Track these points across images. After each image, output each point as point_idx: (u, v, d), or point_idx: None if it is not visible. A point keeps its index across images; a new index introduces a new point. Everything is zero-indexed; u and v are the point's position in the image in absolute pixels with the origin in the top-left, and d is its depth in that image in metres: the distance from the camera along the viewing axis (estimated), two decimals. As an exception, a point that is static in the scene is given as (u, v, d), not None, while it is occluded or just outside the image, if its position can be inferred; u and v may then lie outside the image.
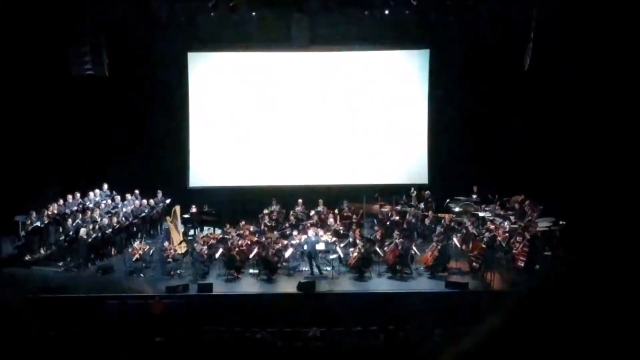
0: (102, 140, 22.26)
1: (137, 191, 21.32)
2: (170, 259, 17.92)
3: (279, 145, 23.36)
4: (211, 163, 23.34)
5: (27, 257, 18.79)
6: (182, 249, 18.55)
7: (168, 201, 21.33)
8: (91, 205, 20.28)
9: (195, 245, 18.26)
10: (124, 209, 20.38)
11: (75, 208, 19.96)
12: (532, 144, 22.23)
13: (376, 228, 20.13)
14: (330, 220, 19.80)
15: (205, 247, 17.97)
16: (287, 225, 20.23)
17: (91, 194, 20.94)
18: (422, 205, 21.19)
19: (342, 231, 19.42)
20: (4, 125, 20.61)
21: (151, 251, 18.33)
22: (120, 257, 18.88)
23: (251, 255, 17.95)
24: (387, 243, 18.30)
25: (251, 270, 18.03)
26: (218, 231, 20.05)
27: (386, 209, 21.19)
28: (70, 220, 19.01)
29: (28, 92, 21.07)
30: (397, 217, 20.40)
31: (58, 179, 21.76)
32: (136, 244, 18.64)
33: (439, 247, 17.88)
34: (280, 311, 15.67)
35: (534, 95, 22.11)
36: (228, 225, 19.45)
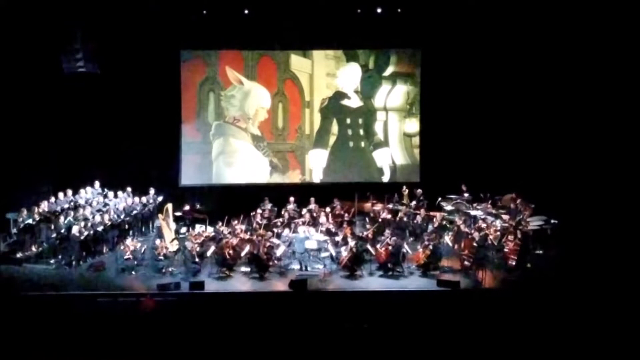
0: (94, 137, 22.22)
1: (129, 189, 21.29)
2: (162, 257, 17.88)
3: (270, 143, 23.51)
4: (203, 161, 23.36)
5: (19, 255, 18.73)
6: (174, 247, 18.49)
7: (160, 199, 21.31)
8: (83, 203, 20.22)
9: (187, 243, 18.24)
10: (116, 207, 20.33)
11: (66, 205, 19.90)
12: (525, 143, 22.34)
13: (368, 226, 20.14)
14: (322, 219, 19.79)
15: (197, 245, 17.94)
16: (279, 223, 20.23)
17: (83, 191, 20.88)
18: (413, 204, 21.21)
19: (333, 229, 19.42)
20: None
21: (143, 249, 18.30)
22: (112, 255, 18.85)
23: (243, 254, 17.94)
24: (378, 241, 18.31)
25: (243, 269, 18.02)
26: (210, 229, 20.02)
27: (378, 207, 21.21)
28: (61, 218, 18.97)
29: (20, 90, 21.04)
30: (389, 216, 20.42)
31: (50, 176, 21.71)
32: (128, 242, 18.57)
33: (430, 245, 17.89)
34: (271, 309, 15.67)
35: (525, 95, 22.21)
36: (220, 224, 19.43)
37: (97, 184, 21.32)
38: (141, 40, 21.82)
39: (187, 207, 21.10)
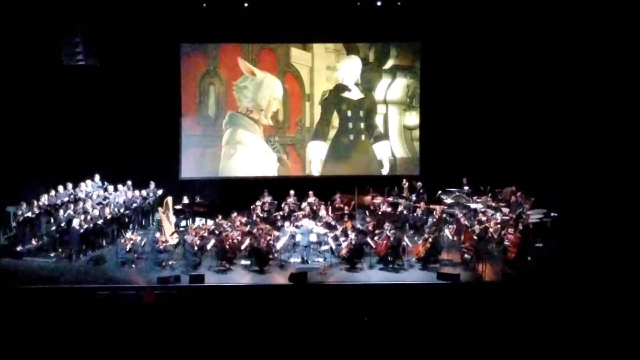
0: (94, 130, 22.20)
1: (129, 182, 21.29)
2: (162, 250, 17.90)
3: (270, 136, 23.52)
4: (203, 154, 23.34)
5: (19, 248, 18.74)
6: (174, 240, 18.52)
7: (160, 192, 21.29)
8: (83, 196, 20.23)
9: (186, 236, 18.24)
10: (116, 200, 20.35)
11: (66, 199, 19.90)
12: (524, 135, 22.32)
13: (368, 219, 20.14)
14: (322, 212, 19.79)
15: (197, 239, 17.94)
16: (279, 216, 20.23)
17: (83, 184, 20.88)
18: (413, 197, 21.21)
19: (333, 223, 19.41)
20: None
21: (143, 242, 18.31)
22: (112, 248, 18.89)
23: (243, 247, 17.95)
24: (378, 234, 18.31)
25: (243, 262, 18.04)
26: (210, 222, 20.03)
27: (378, 200, 21.21)
28: (61, 211, 18.97)
29: (20, 84, 21.01)
30: (389, 209, 20.41)
31: (50, 169, 21.70)
32: (128, 235, 18.60)
33: (430, 238, 17.90)
34: (271, 302, 15.68)
35: (525, 88, 22.18)
36: (220, 217, 19.44)
37: (97, 177, 21.31)
38: (141, 34, 21.77)
39: (186, 200, 21.09)
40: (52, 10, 20.28)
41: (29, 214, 18.92)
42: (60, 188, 20.31)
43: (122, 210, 20.01)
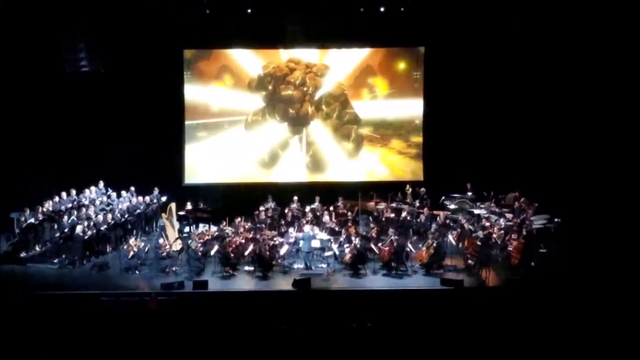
0: (97, 137, 22.24)
1: (132, 188, 21.31)
2: (165, 256, 17.89)
3: (274, 142, 23.50)
4: (206, 159, 23.36)
5: (22, 254, 18.76)
6: (178, 246, 18.53)
7: (164, 198, 21.30)
8: (86, 202, 20.24)
9: (190, 242, 18.24)
10: (120, 206, 20.36)
11: (70, 205, 19.92)
12: (528, 141, 22.29)
13: (371, 225, 20.11)
14: (326, 218, 19.80)
15: (201, 244, 17.95)
16: (282, 222, 20.23)
17: (87, 191, 20.89)
18: (417, 203, 21.19)
19: (337, 228, 19.41)
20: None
21: (146, 248, 18.33)
22: (116, 254, 18.87)
23: (246, 253, 17.96)
24: (382, 240, 18.31)
25: (246, 268, 18.03)
26: (213, 228, 20.05)
27: (381, 206, 21.20)
28: (65, 218, 18.99)
29: (24, 90, 21.07)
30: (393, 215, 20.40)
31: (53, 176, 21.75)
32: (131, 241, 18.62)
33: (434, 244, 17.88)
34: (275, 308, 15.68)
35: (529, 94, 22.16)
36: (224, 223, 19.44)
37: (101, 183, 21.34)
38: (145, 39, 21.81)
39: (190, 206, 21.09)
40: (54, 15, 20.32)
41: (33, 220, 18.93)
42: (64, 194, 20.34)
43: (125, 216, 20.02)
